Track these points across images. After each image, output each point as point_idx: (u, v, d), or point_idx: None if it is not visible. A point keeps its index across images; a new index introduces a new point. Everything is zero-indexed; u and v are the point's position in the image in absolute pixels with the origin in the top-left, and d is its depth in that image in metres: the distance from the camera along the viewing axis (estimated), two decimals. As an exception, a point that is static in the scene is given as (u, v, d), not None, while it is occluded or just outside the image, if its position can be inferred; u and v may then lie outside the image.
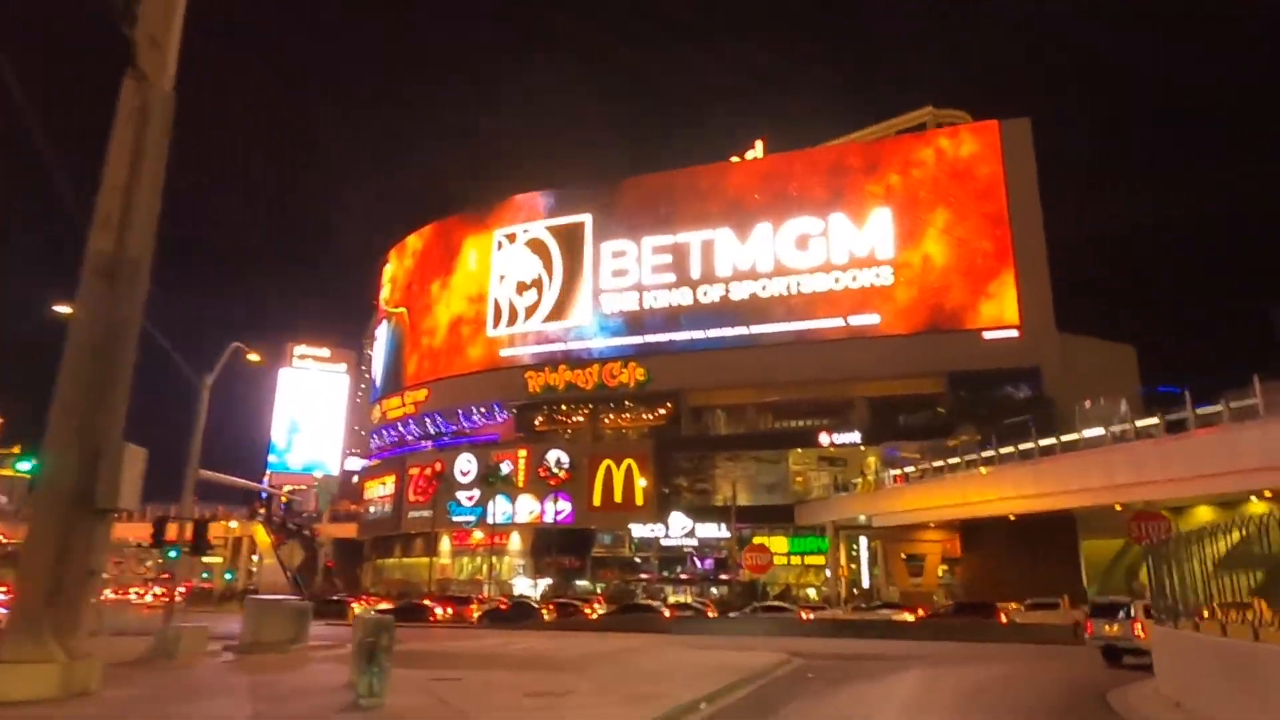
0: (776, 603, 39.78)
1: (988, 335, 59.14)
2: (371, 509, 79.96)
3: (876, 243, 63.76)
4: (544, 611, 38.88)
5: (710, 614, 40.30)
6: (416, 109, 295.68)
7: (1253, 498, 50.98)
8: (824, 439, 60.36)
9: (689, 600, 44.65)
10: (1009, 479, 40.02)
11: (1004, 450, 40.95)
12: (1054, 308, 58.64)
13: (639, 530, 62.35)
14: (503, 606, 40.93)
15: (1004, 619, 32.01)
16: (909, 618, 34.67)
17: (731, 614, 37.92)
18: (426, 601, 41.96)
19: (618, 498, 63.61)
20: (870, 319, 62.63)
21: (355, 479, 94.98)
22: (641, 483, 62.50)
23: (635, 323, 69.14)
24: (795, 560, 60.17)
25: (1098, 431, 35.88)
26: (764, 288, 65.97)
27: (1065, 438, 37.77)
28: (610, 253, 70.91)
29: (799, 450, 63.02)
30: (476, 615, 39.45)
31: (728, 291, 66.81)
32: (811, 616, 35.86)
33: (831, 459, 62.15)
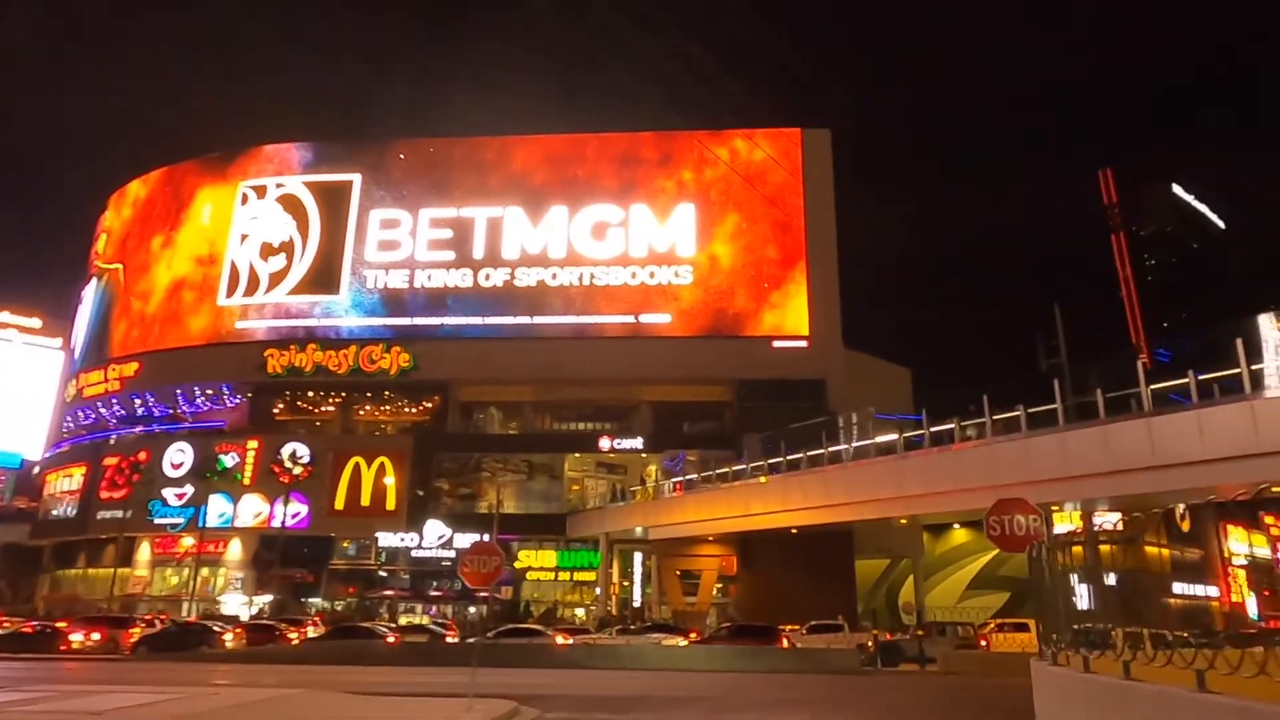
0: (531, 625, 33.60)
1: (777, 344, 57.18)
2: (54, 508, 64.52)
3: (678, 239, 60.28)
4: (227, 636, 29.96)
5: (451, 637, 33.33)
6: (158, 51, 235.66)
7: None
8: (605, 444, 55.37)
9: (425, 622, 37.30)
10: (796, 488, 36.71)
11: (792, 457, 37.72)
12: (841, 322, 57.94)
13: (387, 539, 53.78)
14: (172, 628, 31.36)
15: (786, 643, 28.00)
16: (681, 642, 29.82)
17: (470, 639, 31.13)
18: (59, 625, 31.37)
19: (365, 500, 54.73)
20: (661, 318, 58.77)
21: (36, 470, 77.34)
22: (393, 483, 54.10)
23: (397, 302, 60.53)
24: (565, 576, 54.43)
25: (891, 437, 33.27)
26: (554, 276, 60.26)
27: (857, 444, 34.97)
28: (380, 221, 62.05)
29: (577, 455, 57.58)
30: (134, 641, 29.72)
31: (513, 277, 60.36)
32: (571, 641, 29.99)
33: (611, 465, 57.29)
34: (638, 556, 53.49)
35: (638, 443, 55.13)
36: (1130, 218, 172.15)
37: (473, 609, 50.70)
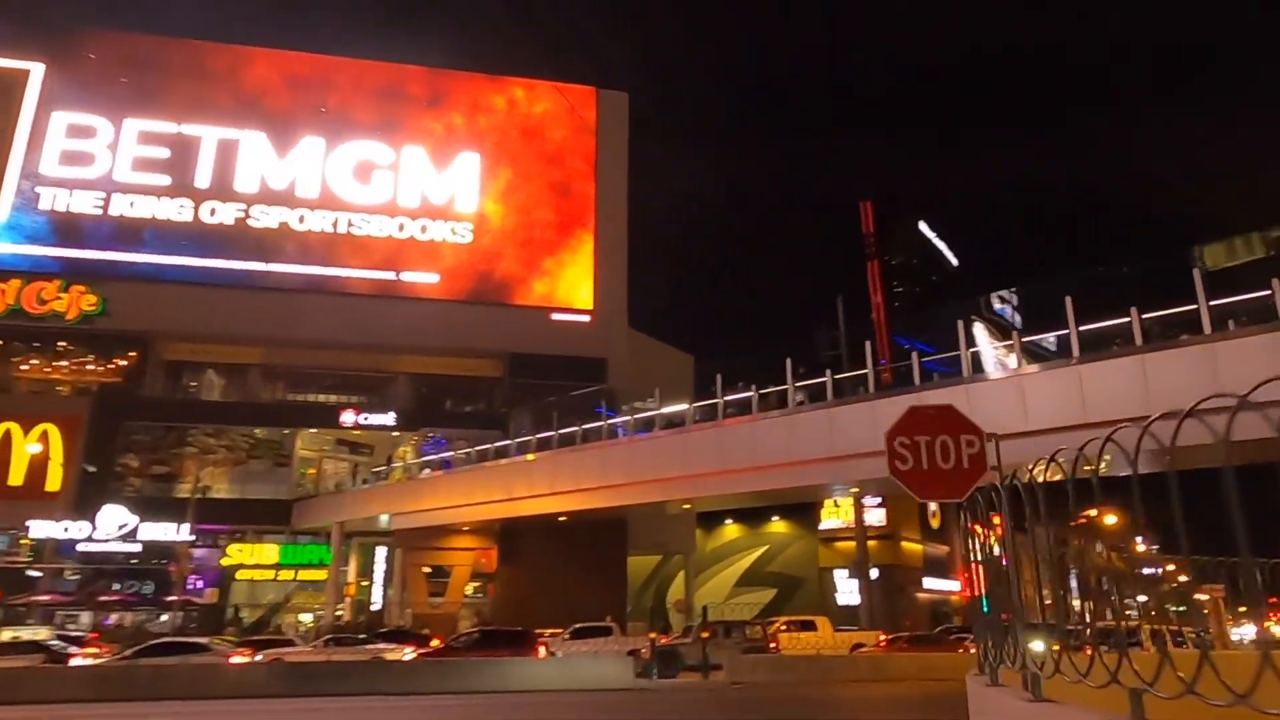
0: (191, 639, 25.02)
1: (557, 317, 51.72)
2: None
3: (459, 191, 52.95)
4: None
5: (84, 657, 24.04)
6: None
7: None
8: (348, 419, 46.77)
9: (43, 636, 27.28)
10: (568, 467, 31.25)
11: (566, 430, 32.27)
12: (627, 301, 53.65)
13: (44, 528, 41.54)
14: None
15: (544, 651, 22.21)
16: (408, 654, 23.11)
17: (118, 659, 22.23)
18: None
19: (16, 479, 42.21)
20: (426, 278, 51.17)
21: None
22: (57, 458, 42.09)
23: (72, 229, 47.61)
24: (288, 575, 45.15)
25: (681, 407, 28.73)
26: (302, 219, 50.59)
27: (641, 414, 30.16)
28: (67, 127, 48.91)
29: (313, 431, 48.49)
30: None
31: (248, 214, 49.90)
32: (256, 658, 22.17)
33: (356, 444, 48.89)
34: (380, 551, 45.59)
35: (389, 419, 47.15)
36: (884, 248, 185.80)
37: (165, 616, 40.18)
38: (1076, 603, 6.23)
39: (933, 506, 67.96)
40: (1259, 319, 18.45)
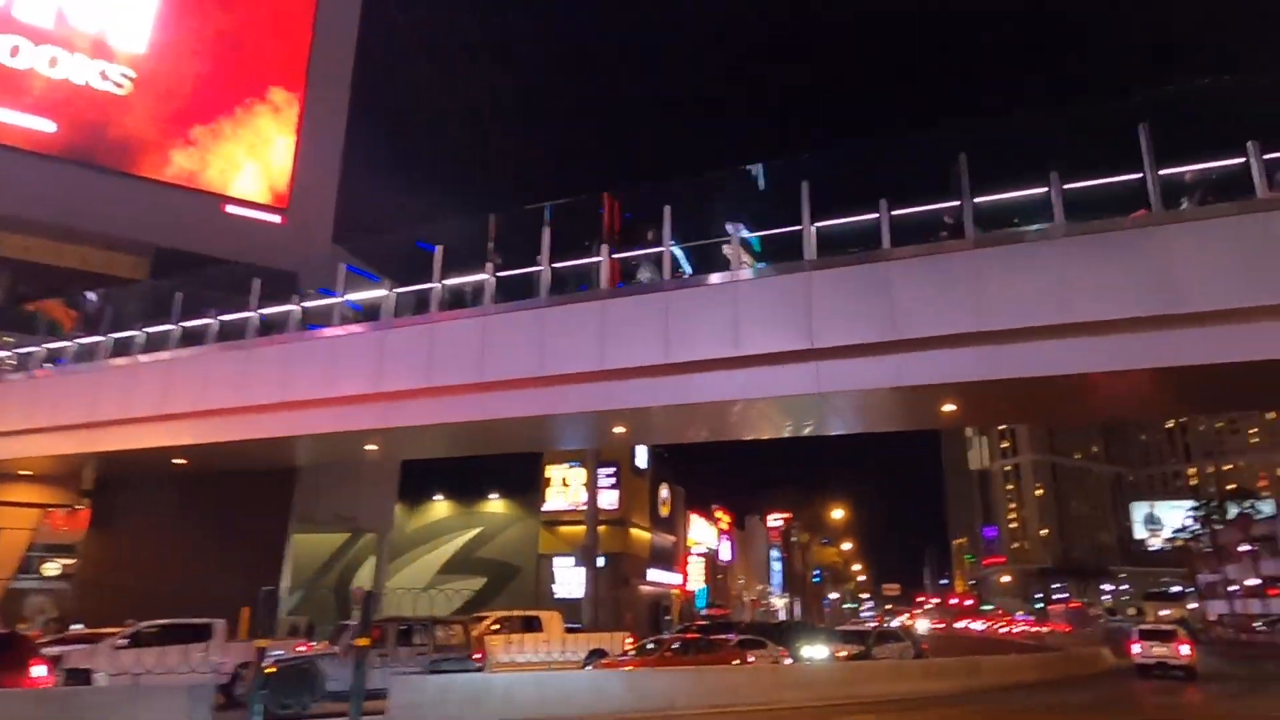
0: None
1: (235, 211, 38.83)
2: None
3: (119, 18, 37.91)
4: None
5: None
6: None
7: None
8: None
9: None
10: (191, 375, 20.37)
11: (195, 322, 21.30)
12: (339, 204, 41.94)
13: None
14: None
15: (44, 672, 11.65)
16: None
17: None
18: None
19: None
20: (37, 124, 35.97)
21: None
22: None
23: None
24: None
25: (379, 293, 19.23)
26: None
27: (313, 304, 20.28)
28: None
29: None
30: None
31: None
32: None
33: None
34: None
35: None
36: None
37: None
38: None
39: (664, 493, 63.85)
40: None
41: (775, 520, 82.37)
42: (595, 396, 16.53)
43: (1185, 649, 26.70)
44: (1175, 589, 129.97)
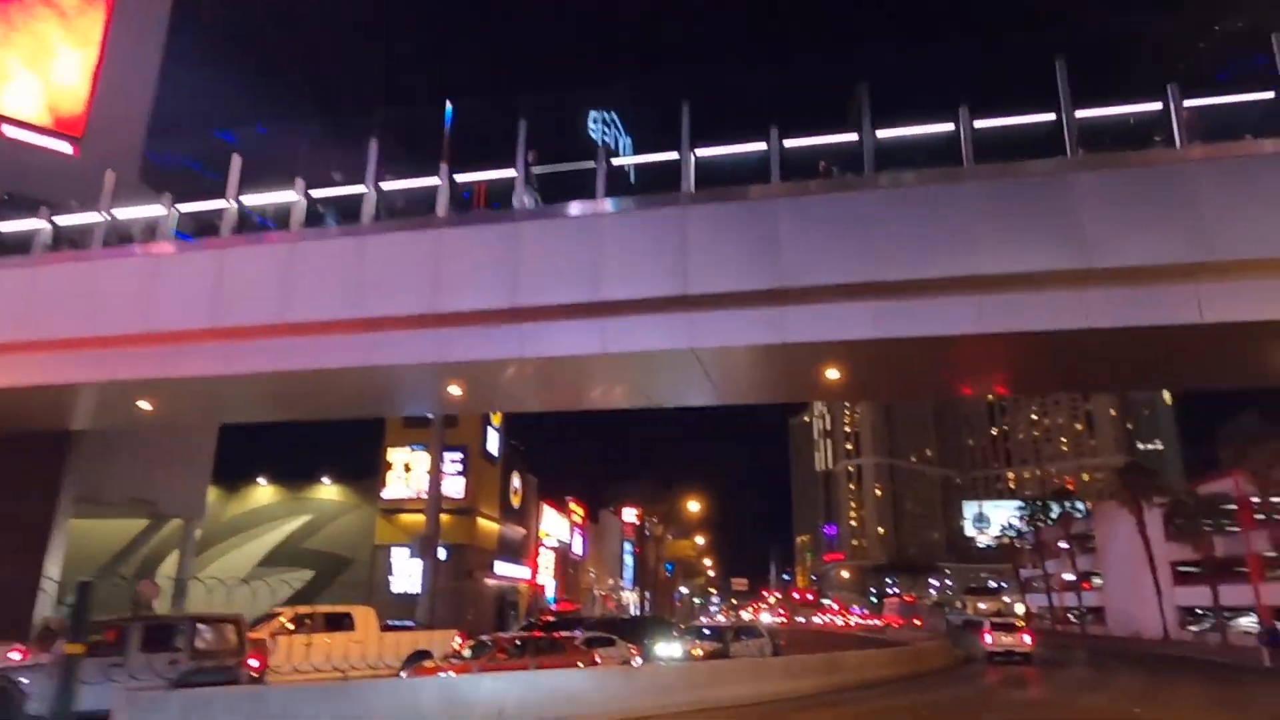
0: None
1: (11, 132, 32.65)
2: None
3: None
4: None
5: None
6: None
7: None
8: None
9: None
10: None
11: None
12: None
13: None
14: None
15: None
16: None
17: None
18: None
19: None
20: None
21: None
22: None
23: None
24: None
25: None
26: None
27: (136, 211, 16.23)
28: None
29: None
30: None
31: None
32: None
33: None
34: None
35: None
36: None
37: None
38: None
39: (516, 483, 60.65)
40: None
41: (631, 515, 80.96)
42: (425, 345, 13.63)
43: (1027, 639, 31.45)
44: (993, 584, 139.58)
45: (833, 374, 13.83)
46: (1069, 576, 68.11)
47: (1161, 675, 26.03)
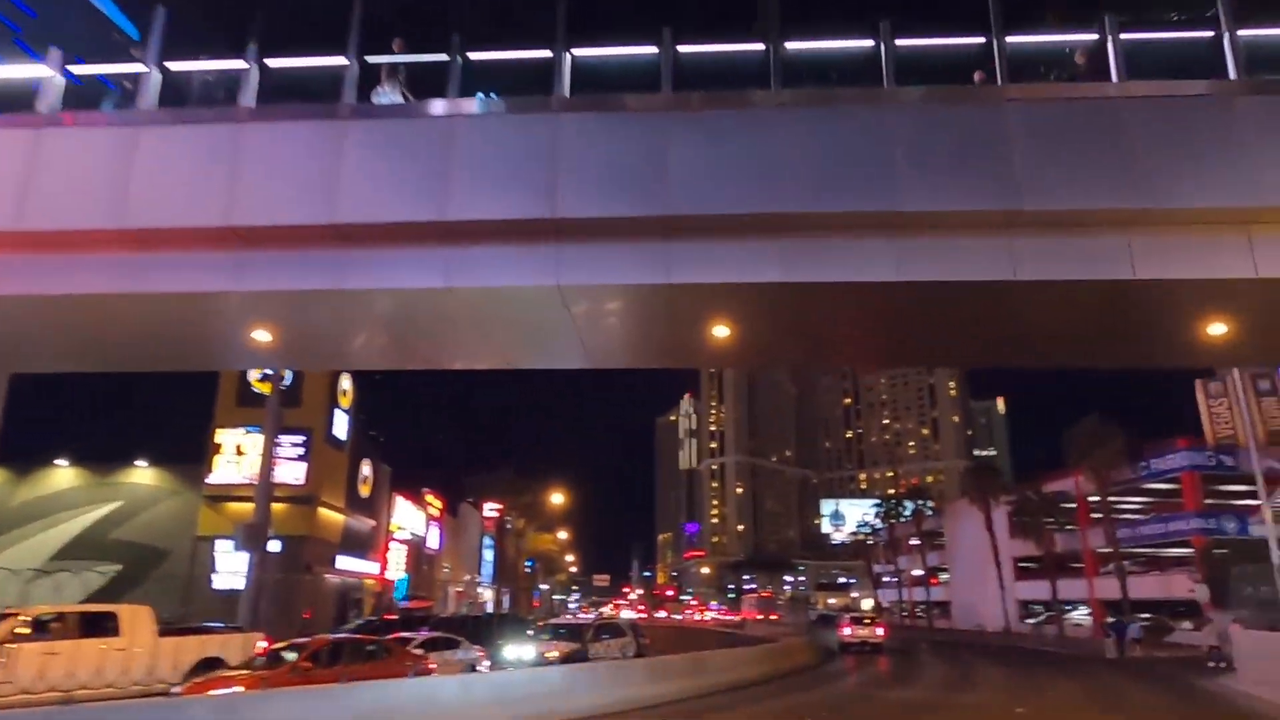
0: None
1: None
2: None
3: None
4: None
5: None
6: None
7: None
8: None
9: None
10: None
11: None
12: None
13: None
14: None
15: None
16: None
17: None
18: None
19: None
20: None
21: None
22: None
23: None
24: None
25: None
26: None
27: None
28: None
29: None
30: None
31: None
32: None
33: None
34: None
35: None
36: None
37: None
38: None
39: (366, 471, 56.23)
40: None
41: (491, 510, 77.56)
42: (216, 271, 10.62)
43: (880, 631, 35.87)
44: (842, 580, 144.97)
45: (722, 331, 11.84)
46: (918, 572, 70.42)
47: (1019, 668, 26.02)
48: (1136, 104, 10.23)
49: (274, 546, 37.72)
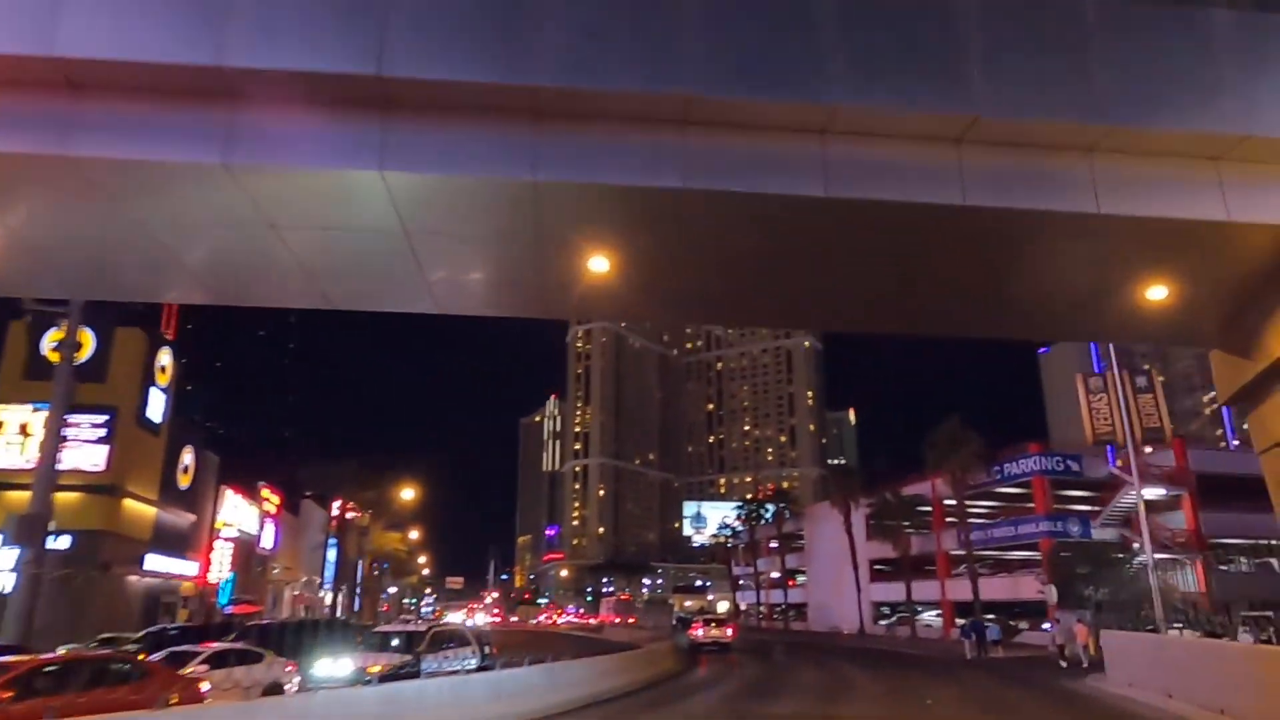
0: None
1: None
2: None
3: None
4: None
5: None
6: None
7: None
8: None
9: None
10: None
11: None
12: None
13: None
14: None
15: None
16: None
17: None
18: None
19: None
20: None
21: None
22: None
23: None
24: None
25: None
26: None
27: None
28: None
29: None
30: None
31: None
32: None
33: None
34: None
35: None
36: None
37: None
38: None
39: (188, 459, 50.01)
40: None
41: (337, 506, 71.77)
42: None
43: (729, 631, 38.04)
44: (699, 583, 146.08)
45: (600, 264, 9.37)
46: (777, 574, 70.60)
47: (886, 672, 25.08)
48: (1107, 10, 8.62)
49: (62, 542, 32.24)
